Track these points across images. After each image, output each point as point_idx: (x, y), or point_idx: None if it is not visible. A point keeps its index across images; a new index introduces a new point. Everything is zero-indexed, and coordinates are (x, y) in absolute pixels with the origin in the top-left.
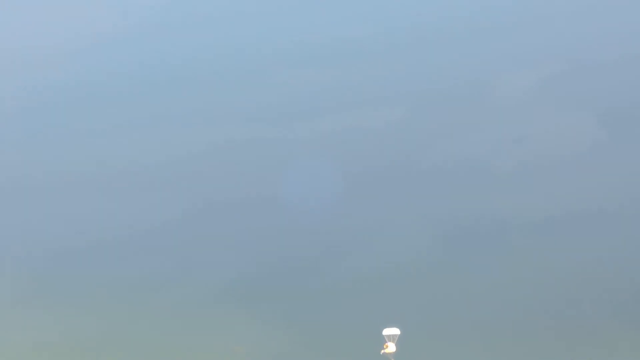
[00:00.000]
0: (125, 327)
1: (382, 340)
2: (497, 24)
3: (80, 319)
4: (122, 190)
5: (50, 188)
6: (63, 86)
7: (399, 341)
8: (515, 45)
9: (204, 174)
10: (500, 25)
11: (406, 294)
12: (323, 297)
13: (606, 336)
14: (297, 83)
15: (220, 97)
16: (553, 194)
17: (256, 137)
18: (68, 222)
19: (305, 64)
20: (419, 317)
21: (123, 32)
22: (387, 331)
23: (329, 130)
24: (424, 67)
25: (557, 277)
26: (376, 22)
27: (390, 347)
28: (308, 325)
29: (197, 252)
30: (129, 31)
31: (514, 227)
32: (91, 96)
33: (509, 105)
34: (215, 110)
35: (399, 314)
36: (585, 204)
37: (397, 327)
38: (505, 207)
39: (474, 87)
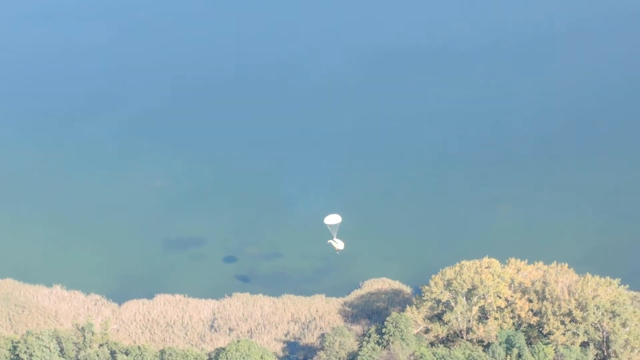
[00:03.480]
0: (41, 165)
1: (302, 170)
2: None
3: None
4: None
5: None
6: None
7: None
8: None
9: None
10: None
11: (332, 114)
12: (246, 126)
13: (528, 164)
14: None
15: None
16: (486, 21)
17: None
18: None
19: None
20: (340, 135)
21: None
22: (328, 220)
23: None
24: None
25: (482, 105)
26: None
27: (339, 244)
28: (229, 160)
29: (113, 81)
30: None
31: (441, 53)
32: None
33: None
34: None
35: (323, 135)
36: (514, 32)
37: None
38: (434, 33)
39: None
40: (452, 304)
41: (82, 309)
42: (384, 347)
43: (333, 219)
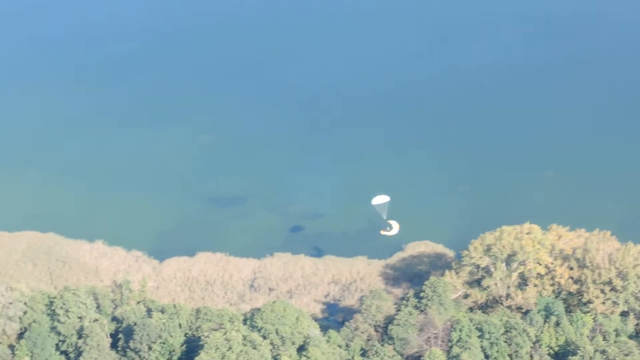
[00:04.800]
0: (86, 121)
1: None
2: None
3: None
4: None
5: None
6: None
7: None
8: None
9: None
10: None
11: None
12: (298, 83)
13: (574, 131)
14: None
15: None
16: None
17: None
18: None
19: None
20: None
21: None
22: (376, 201)
23: None
24: None
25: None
26: None
27: (393, 228)
28: (275, 118)
29: (165, 35)
30: None
31: None
32: None
33: None
34: None
35: (371, 101)
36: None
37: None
38: None
39: None
40: (492, 269)
41: (123, 265)
42: (422, 311)
43: (381, 199)
